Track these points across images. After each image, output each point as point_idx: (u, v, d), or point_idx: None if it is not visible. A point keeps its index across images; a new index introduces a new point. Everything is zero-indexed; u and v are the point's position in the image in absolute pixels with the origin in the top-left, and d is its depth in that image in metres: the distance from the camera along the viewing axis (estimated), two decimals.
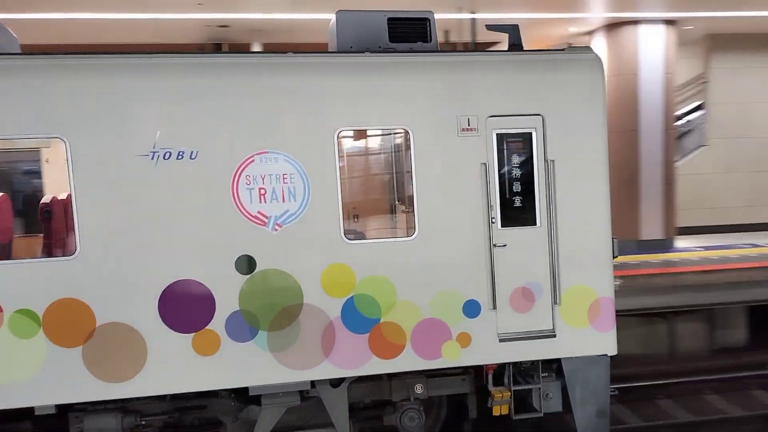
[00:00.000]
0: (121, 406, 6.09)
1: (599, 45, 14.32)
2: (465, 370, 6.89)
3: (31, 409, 5.87)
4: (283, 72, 6.14)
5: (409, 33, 6.68)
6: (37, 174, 7.33)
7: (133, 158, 5.73)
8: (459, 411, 7.47)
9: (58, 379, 5.65)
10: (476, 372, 6.96)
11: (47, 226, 6.37)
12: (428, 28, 6.75)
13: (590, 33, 14.57)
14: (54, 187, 6.71)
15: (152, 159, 5.77)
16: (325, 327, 6.16)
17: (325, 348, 6.17)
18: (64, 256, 5.87)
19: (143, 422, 6.27)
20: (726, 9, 12.68)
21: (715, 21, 13.81)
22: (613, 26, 13.84)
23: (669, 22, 13.78)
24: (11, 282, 5.54)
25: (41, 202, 6.43)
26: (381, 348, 6.29)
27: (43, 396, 5.68)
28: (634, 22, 13.64)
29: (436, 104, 6.40)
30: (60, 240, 6.34)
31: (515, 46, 6.92)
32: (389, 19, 6.66)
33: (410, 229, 6.42)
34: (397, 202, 7.15)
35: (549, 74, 6.64)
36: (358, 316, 6.24)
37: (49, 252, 6.38)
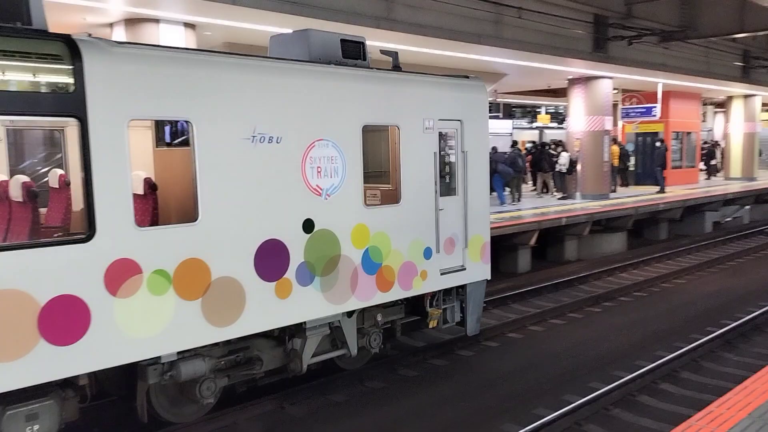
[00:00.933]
0: (197, 354, 6.98)
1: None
2: (400, 302, 9.10)
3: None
4: (329, 78, 7.75)
5: (354, 52, 8.37)
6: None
7: (239, 141, 6.81)
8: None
9: (182, 328, 6.45)
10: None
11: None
12: (363, 50, 8.54)
13: (110, 25, 12.72)
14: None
15: (252, 142, 6.90)
16: (352, 271, 7.97)
17: (352, 287, 7.99)
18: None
19: (222, 362, 7.35)
20: (239, 20, 12.47)
21: (233, 30, 13.31)
22: (133, 21, 12.37)
23: (189, 24, 12.74)
24: (152, 246, 6.23)
25: None
26: (382, 284, 8.35)
27: (171, 345, 6.46)
28: (155, 20, 12.34)
29: (413, 110, 8.59)
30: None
31: (396, 68, 9.05)
32: (341, 40, 8.31)
33: (397, 198, 8.61)
34: (390, 180, 9.14)
35: (465, 93, 9.45)
36: (371, 262, 8.19)
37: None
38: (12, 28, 5.55)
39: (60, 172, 7.40)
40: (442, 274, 9.16)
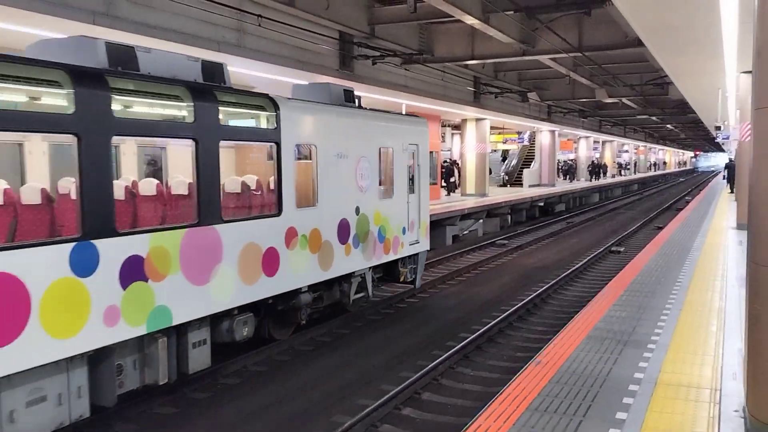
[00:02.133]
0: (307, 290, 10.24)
1: None
2: (377, 266, 12.46)
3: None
4: (366, 118, 11.80)
5: (349, 97, 11.60)
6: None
7: (333, 157, 10.55)
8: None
9: (311, 271, 10.06)
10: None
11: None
12: (353, 96, 11.75)
13: None
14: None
15: (338, 158, 10.70)
16: (374, 241, 11.82)
17: (373, 251, 11.81)
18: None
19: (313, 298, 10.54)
20: None
21: None
22: None
23: None
24: (300, 219, 9.71)
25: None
26: (386, 250, 12.27)
27: (306, 281, 9.94)
28: None
29: (399, 138, 12.71)
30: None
31: (360, 106, 12.03)
32: (344, 90, 11.54)
33: (391, 195, 12.49)
34: (388, 183, 12.51)
35: (419, 127, 13.75)
36: (382, 235, 12.09)
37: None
38: (230, 87, 8.67)
39: (272, 177, 9.56)
40: (410, 245, 13.28)
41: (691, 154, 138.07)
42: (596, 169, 54.29)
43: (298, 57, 16.92)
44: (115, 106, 6.77)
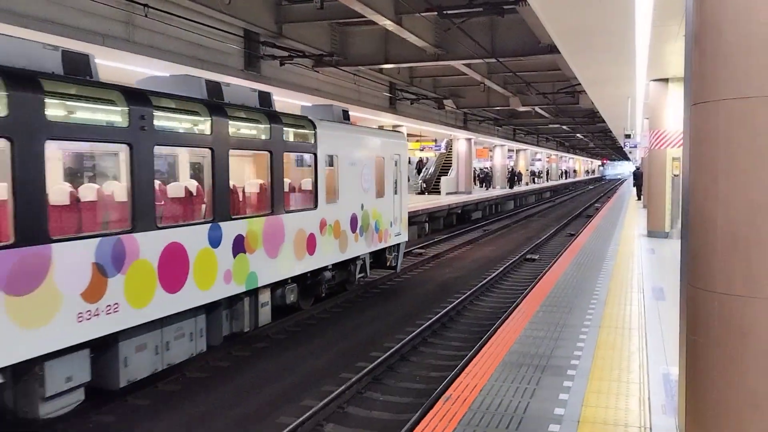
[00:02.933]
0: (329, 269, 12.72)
1: None
2: (372, 252, 14.59)
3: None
4: (366, 134, 14.28)
5: (346, 116, 14.00)
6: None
7: (348, 165, 12.99)
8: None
9: (334, 253, 12.50)
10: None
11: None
12: (348, 115, 14.07)
13: None
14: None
15: (350, 165, 13.09)
16: (372, 231, 14.06)
17: (371, 239, 14.02)
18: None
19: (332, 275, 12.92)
20: None
21: None
22: None
23: None
24: (328, 212, 12.19)
25: None
26: (380, 239, 14.53)
27: (330, 260, 12.37)
28: None
29: (387, 149, 14.95)
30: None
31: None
32: (343, 111, 13.95)
33: (382, 195, 14.67)
34: (381, 185, 14.64)
35: (400, 140, 16.13)
36: (377, 227, 14.30)
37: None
38: (287, 113, 11.33)
39: (311, 179, 11.86)
40: (395, 235, 15.46)
41: (599, 162, 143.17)
42: (513, 177, 54.84)
43: (198, 55, 15.59)
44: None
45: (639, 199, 36.55)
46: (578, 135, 63.24)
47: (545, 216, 39.95)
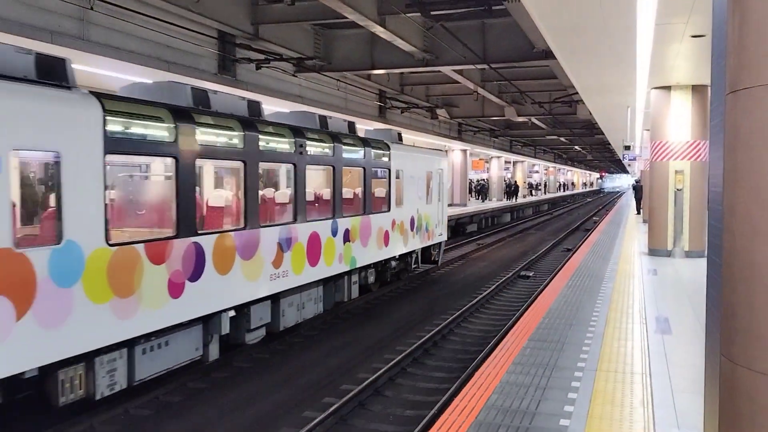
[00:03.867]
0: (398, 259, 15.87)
1: None
2: (422, 248, 17.43)
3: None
4: (421, 153, 17.45)
5: (399, 138, 16.25)
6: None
7: (409, 177, 15.73)
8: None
9: (399, 246, 15.32)
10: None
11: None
12: (401, 137, 16.54)
13: None
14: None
15: (411, 177, 15.87)
16: (423, 230, 16.86)
17: (423, 237, 16.95)
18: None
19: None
20: None
21: None
22: None
23: None
24: (397, 214, 15.09)
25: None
26: (428, 237, 17.35)
27: (397, 252, 15.26)
28: None
29: (431, 164, 17.60)
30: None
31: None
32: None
33: (429, 202, 17.31)
34: (429, 194, 17.48)
35: (442, 157, 18.94)
36: (426, 228, 17.07)
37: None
38: (375, 139, 14.42)
39: (386, 189, 14.77)
40: (438, 235, 18.19)
41: (597, 175, 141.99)
42: (511, 189, 53.58)
43: (164, 56, 14.34)
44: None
45: (638, 213, 35.26)
46: (576, 147, 62.06)
47: (542, 229, 38.61)
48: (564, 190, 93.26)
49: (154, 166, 9.24)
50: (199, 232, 8.49)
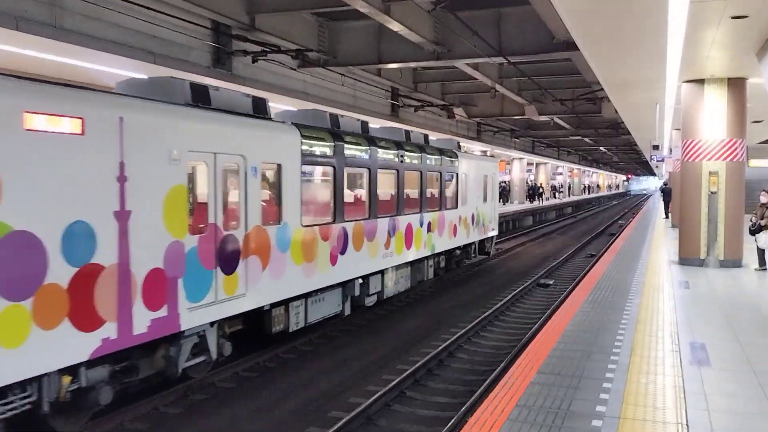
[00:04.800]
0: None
1: None
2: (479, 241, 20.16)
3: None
4: (478, 159, 20.74)
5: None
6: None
7: (471, 179, 18.66)
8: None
9: (463, 238, 18.27)
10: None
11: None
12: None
13: None
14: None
15: (472, 180, 18.77)
16: (480, 225, 19.67)
17: (480, 230, 19.79)
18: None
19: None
20: None
21: None
22: None
23: None
24: (462, 211, 17.99)
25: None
26: (484, 231, 20.21)
27: (461, 243, 18.09)
28: None
29: (486, 168, 20.56)
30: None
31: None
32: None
33: (486, 201, 20.29)
34: (484, 194, 20.38)
35: (494, 163, 22.76)
36: (482, 223, 19.94)
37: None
38: (449, 149, 17.39)
39: (455, 189, 17.50)
40: (491, 230, 20.82)
41: (624, 177, 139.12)
42: (533, 191, 51.90)
43: (149, 47, 13.21)
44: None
45: (666, 217, 33.51)
46: (601, 148, 60.15)
47: (565, 233, 36.97)
48: (589, 193, 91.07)
49: (322, 173, 11.51)
50: (345, 219, 11.65)
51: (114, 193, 6.72)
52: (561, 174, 73.14)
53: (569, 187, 76.19)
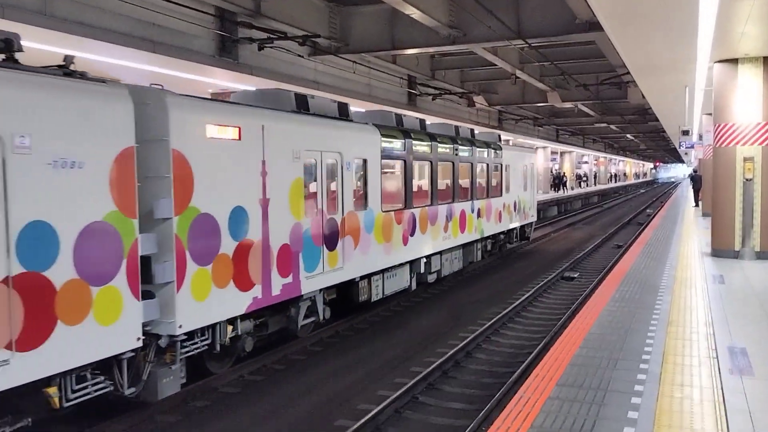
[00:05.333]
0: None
1: None
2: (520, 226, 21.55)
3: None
4: (519, 151, 21.75)
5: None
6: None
7: (513, 170, 20.06)
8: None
9: (506, 224, 19.67)
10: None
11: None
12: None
13: None
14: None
15: (514, 170, 20.10)
16: (521, 211, 21.18)
17: (521, 216, 21.28)
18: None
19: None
20: None
21: None
22: None
23: None
24: (505, 199, 19.43)
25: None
26: (525, 218, 21.84)
27: (505, 228, 19.48)
28: None
29: (528, 160, 22.61)
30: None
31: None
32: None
33: (526, 189, 21.72)
34: (525, 183, 21.95)
35: (533, 154, 25.17)
36: (522, 210, 21.33)
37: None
38: (496, 143, 19.03)
39: (500, 179, 18.94)
40: (531, 216, 22.27)
41: (651, 165, 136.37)
42: (558, 181, 50.70)
43: (150, 35, 12.61)
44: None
45: (696, 205, 32.28)
46: (628, 135, 58.59)
47: (591, 224, 35.86)
48: (615, 181, 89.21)
49: (395, 165, 12.86)
50: (414, 206, 13.34)
51: (259, 185, 8.54)
52: (587, 162, 71.61)
53: (595, 176, 74.62)
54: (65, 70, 6.21)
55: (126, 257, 6.47)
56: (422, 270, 13.83)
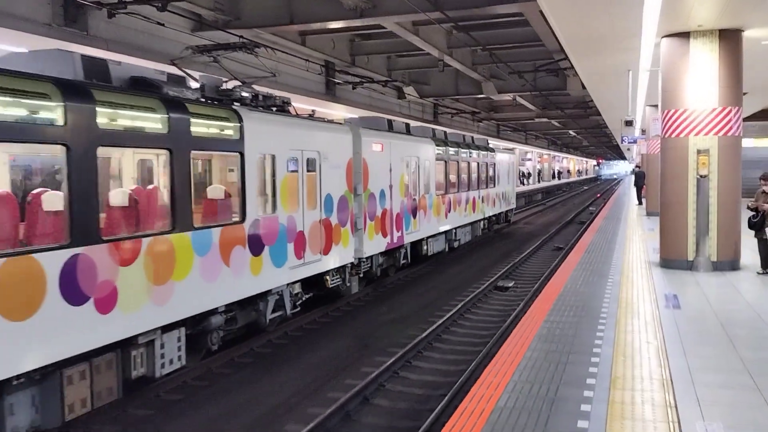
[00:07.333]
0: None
1: None
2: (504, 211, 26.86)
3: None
4: (505, 153, 27.67)
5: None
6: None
7: (500, 168, 25.26)
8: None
9: (499, 208, 25.24)
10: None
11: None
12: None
13: None
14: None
15: (501, 168, 25.24)
16: (507, 199, 26.85)
17: (505, 203, 26.47)
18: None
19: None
20: None
21: None
22: None
23: None
24: (498, 189, 24.93)
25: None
26: (507, 205, 26.98)
27: (497, 211, 25.02)
28: None
29: (513, 161, 30.30)
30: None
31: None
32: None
33: (509, 183, 27.43)
34: (509, 178, 27.39)
35: (512, 155, 34.33)
36: (507, 199, 26.81)
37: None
38: (489, 146, 24.55)
39: (492, 173, 24.66)
40: (512, 204, 27.50)
41: (594, 162, 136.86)
42: None
43: None
44: None
45: (639, 203, 30.43)
46: (570, 131, 57.05)
47: (532, 223, 33.64)
48: (559, 178, 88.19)
49: (439, 165, 17.89)
50: (448, 192, 18.50)
51: (388, 176, 14.14)
52: (530, 160, 70.09)
53: (539, 173, 73.20)
54: (311, 115, 11.74)
55: (350, 213, 12.21)
56: (453, 238, 19.23)
